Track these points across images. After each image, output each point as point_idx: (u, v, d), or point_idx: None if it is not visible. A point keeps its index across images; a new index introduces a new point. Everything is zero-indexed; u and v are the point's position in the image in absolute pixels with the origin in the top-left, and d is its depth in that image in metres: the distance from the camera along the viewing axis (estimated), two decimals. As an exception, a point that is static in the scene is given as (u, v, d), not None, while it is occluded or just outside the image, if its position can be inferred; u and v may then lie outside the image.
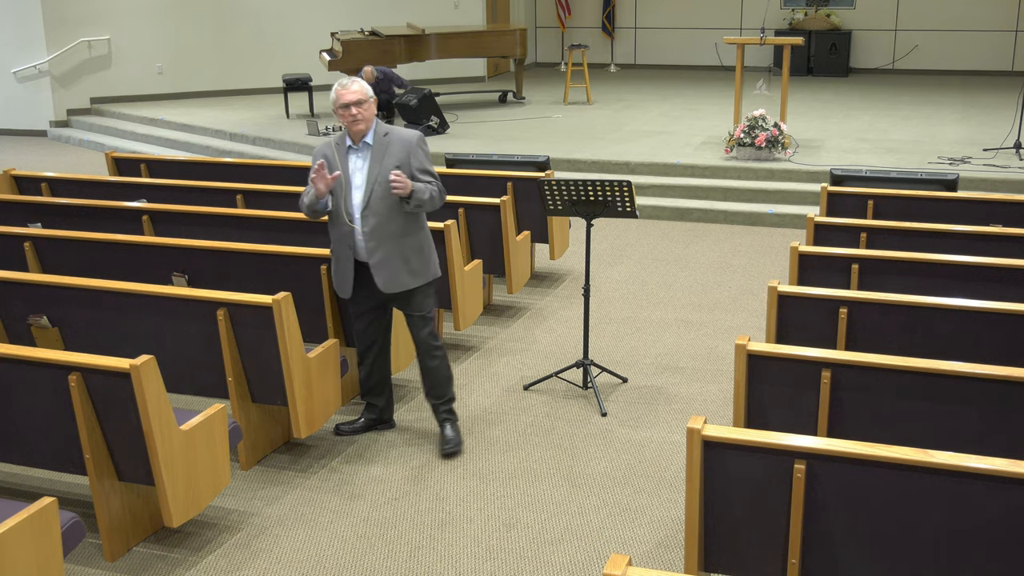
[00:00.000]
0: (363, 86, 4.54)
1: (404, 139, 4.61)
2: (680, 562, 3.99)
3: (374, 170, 4.56)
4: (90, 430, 3.82)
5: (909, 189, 6.72)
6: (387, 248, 4.60)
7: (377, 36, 12.74)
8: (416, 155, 4.62)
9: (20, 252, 5.72)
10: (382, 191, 4.54)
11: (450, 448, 4.85)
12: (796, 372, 3.70)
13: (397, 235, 4.60)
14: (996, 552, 2.84)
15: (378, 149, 4.58)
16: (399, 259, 4.62)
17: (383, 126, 4.63)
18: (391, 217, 4.58)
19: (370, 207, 4.56)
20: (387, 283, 4.63)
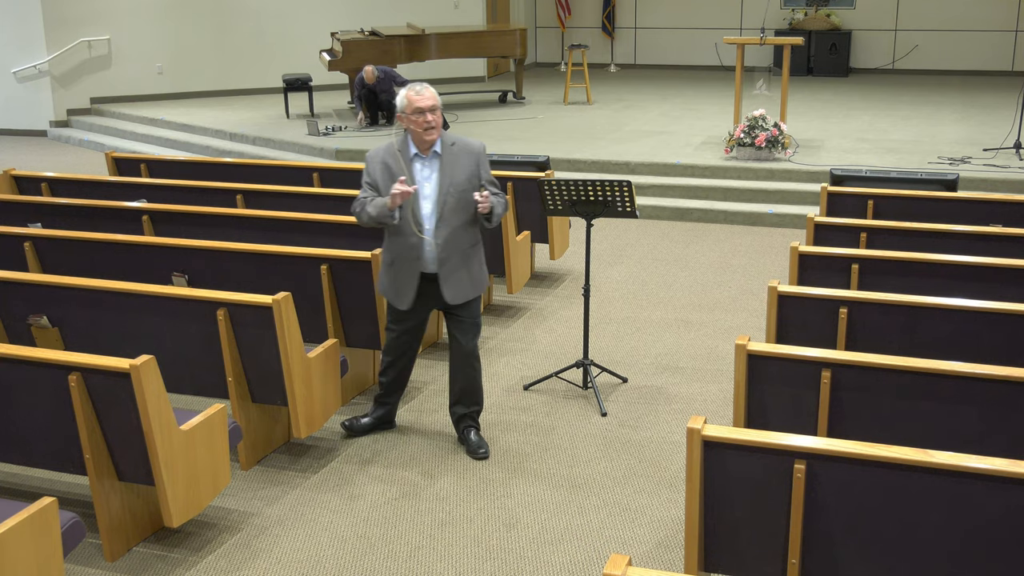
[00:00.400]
0: (436, 93, 4.49)
1: (471, 149, 4.58)
2: (680, 562, 3.99)
3: (445, 180, 4.50)
4: (90, 430, 3.82)
5: (909, 189, 6.72)
6: (456, 259, 4.59)
7: (377, 36, 12.74)
8: (484, 165, 4.61)
9: (20, 252, 5.72)
10: (454, 202, 4.51)
11: (484, 452, 4.81)
12: (796, 372, 3.70)
13: (465, 246, 4.61)
14: (996, 552, 2.84)
15: (447, 159, 4.52)
16: (465, 270, 4.62)
17: (448, 135, 4.58)
18: (463, 228, 4.57)
19: (443, 219, 4.52)
20: (455, 294, 4.62)
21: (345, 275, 5.14)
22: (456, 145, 4.55)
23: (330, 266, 5.13)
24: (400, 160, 4.53)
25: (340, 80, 14.71)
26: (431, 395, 5.54)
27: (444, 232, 4.53)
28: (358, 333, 5.25)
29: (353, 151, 10.95)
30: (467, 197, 4.52)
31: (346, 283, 5.16)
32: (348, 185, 7.38)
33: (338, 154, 10.96)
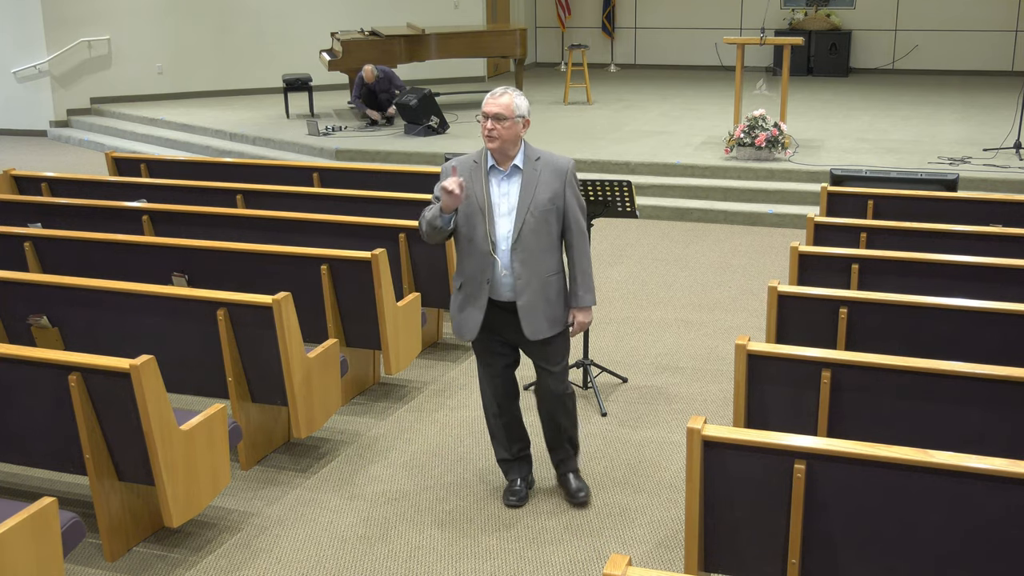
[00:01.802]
0: (514, 101, 3.98)
1: (558, 167, 4.07)
2: (680, 562, 3.99)
3: (526, 199, 4.01)
4: (90, 430, 3.82)
5: (909, 189, 6.72)
6: (535, 288, 4.06)
7: (377, 36, 12.74)
8: (572, 186, 4.09)
9: (20, 252, 5.72)
10: (535, 223, 4.02)
11: (583, 496, 4.39)
12: (796, 372, 3.70)
13: (544, 274, 4.08)
14: (996, 552, 2.84)
15: (529, 175, 4.03)
16: (544, 302, 4.09)
17: (533, 150, 4.09)
18: (543, 253, 4.06)
19: (520, 241, 4.02)
20: (535, 329, 4.09)
21: (345, 275, 5.14)
22: (541, 160, 4.06)
23: (330, 266, 5.13)
24: (478, 172, 4.08)
25: (340, 80, 14.71)
26: (431, 395, 5.54)
27: (521, 255, 4.03)
28: (358, 333, 5.25)
29: (353, 151, 10.95)
30: (549, 219, 4.03)
31: (346, 283, 5.16)
32: (348, 185, 7.38)
33: (338, 154, 10.96)
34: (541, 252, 4.05)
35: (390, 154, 10.81)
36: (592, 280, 4.17)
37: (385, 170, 7.64)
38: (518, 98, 4.00)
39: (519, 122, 3.99)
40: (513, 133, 3.98)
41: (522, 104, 4.01)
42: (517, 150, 4.05)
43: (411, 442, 5.00)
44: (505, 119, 3.95)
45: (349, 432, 5.11)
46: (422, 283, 5.86)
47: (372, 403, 5.44)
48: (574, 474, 4.45)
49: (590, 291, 4.16)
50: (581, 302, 4.14)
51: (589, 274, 4.15)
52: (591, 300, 4.16)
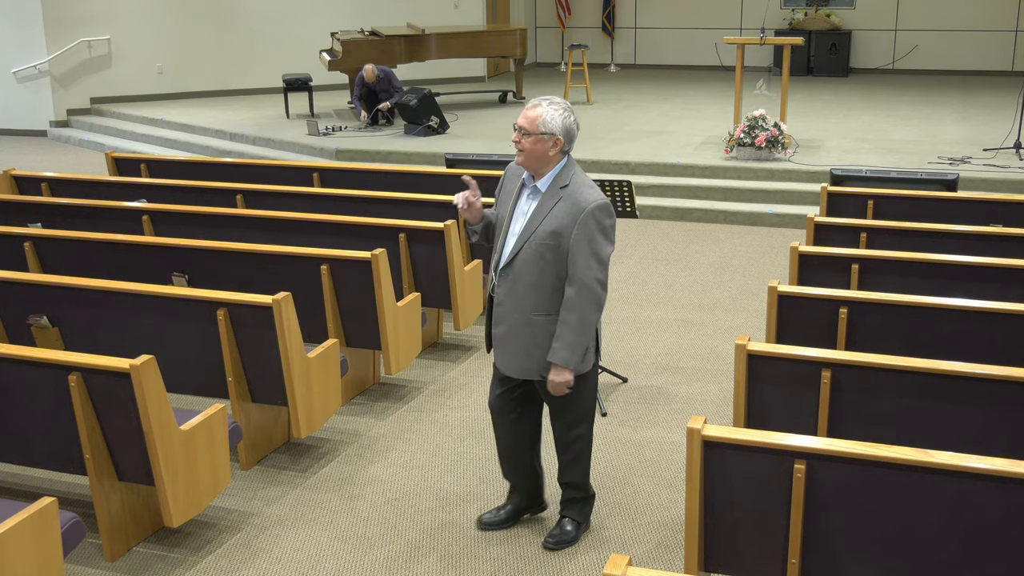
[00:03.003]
0: (544, 116, 3.61)
1: (577, 203, 3.62)
2: (680, 562, 3.99)
3: (531, 226, 3.67)
4: (90, 430, 3.82)
5: (909, 189, 6.72)
6: (516, 322, 3.73)
7: (377, 36, 12.73)
8: (587, 230, 3.60)
9: (20, 252, 5.72)
10: (530, 254, 3.66)
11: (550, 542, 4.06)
12: (796, 372, 3.70)
13: (530, 312, 3.70)
14: (996, 552, 2.84)
15: (545, 201, 3.67)
16: (529, 340, 3.72)
17: (566, 175, 3.68)
18: (532, 289, 3.69)
19: (511, 267, 3.71)
20: (508, 364, 3.81)
21: (345, 275, 5.13)
22: (567, 189, 3.65)
23: (330, 266, 5.13)
24: (517, 181, 3.81)
25: (340, 80, 14.71)
26: (431, 395, 5.54)
27: (508, 283, 3.73)
28: (358, 333, 5.25)
29: (353, 151, 10.95)
30: (546, 255, 3.64)
31: (346, 283, 5.15)
32: (348, 185, 7.38)
33: (338, 154, 10.96)
34: (531, 287, 3.68)
35: (390, 154, 10.81)
36: (580, 340, 3.64)
37: (385, 170, 7.64)
38: (551, 112, 3.62)
39: (546, 140, 3.62)
40: (540, 150, 3.63)
41: (553, 121, 3.61)
42: (548, 170, 3.69)
43: (411, 442, 5.00)
44: (529, 134, 3.63)
45: (349, 432, 5.11)
46: (422, 283, 5.86)
47: (372, 403, 5.44)
48: (570, 520, 4.11)
49: (571, 349, 3.64)
50: (553, 356, 3.66)
51: (578, 331, 3.63)
52: (565, 359, 3.64)
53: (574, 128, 3.70)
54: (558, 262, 3.66)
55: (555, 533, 4.10)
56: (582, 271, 3.62)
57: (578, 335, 3.64)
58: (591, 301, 3.64)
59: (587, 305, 3.64)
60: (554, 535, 4.09)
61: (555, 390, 3.72)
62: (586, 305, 3.64)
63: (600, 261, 3.66)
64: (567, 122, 3.66)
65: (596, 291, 3.65)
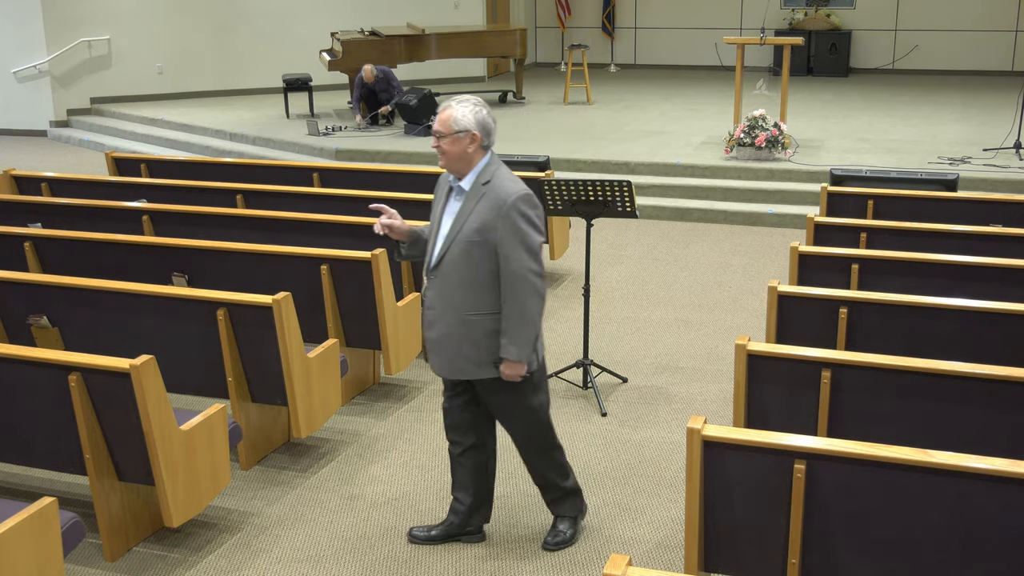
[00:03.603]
0: (454, 115, 3.60)
1: (499, 197, 3.60)
2: (680, 562, 3.99)
3: (456, 226, 3.65)
4: (90, 430, 3.82)
5: (909, 189, 6.72)
6: (449, 323, 3.69)
7: (377, 36, 12.73)
8: (510, 223, 3.58)
9: (20, 252, 5.72)
10: (458, 253, 3.64)
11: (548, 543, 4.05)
12: (796, 372, 3.70)
13: (464, 312, 3.66)
14: (996, 552, 2.84)
15: (470, 199, 3.65)
16: (464, 340, 3.68)
17: (488, 172, 3.66)
18: (464, 289, 3.66)
19: (440, 269, 3.70)
20: (443, 365, 3.77)
21: (345, 275, 5.13)
22: (489, 185, 3.63)
23: (330, 266, 5.13)
24: (446, 186, 3.79)
25: (340, 80, 14.71)
26: (431, 395, 5.54)
27: (438, 285, 3.71)
28: (358, 333, 5.25)
29: (353, 151, 10.95)
30: (473, 252, 3.61)
31: (346, 283, 5.16)
32: (348, 185, 7.38)
33: (338, 154, 10.96)
34: (461, 286, 3.65)
35: (390, 154, 10.81)
36: (526, 331, 3.61)
37: (385, 170, 7.64)
38: (462, 110, 3.61)
39: (463, 137, 3.60)
40: (458, 149, 3.61)
41: (465, 118, 3.60)
42: (470, 168, 3.66)
43: (411, 442, 5.00)
44: (444, 135, 3.61)
45: (349, 432, 5.11)
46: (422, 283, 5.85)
47: (372, 403, 5.44)
48: (564, 519, 4.09)
49: (518, 344, 3.62)
50: (503, 352, 3.64)
51: (521, 323, 3.60)
52: (516, 354, 3.62)
53: (489, 121, 3.66)
54: (487, 259, 3.62)
55: (552, 534, 4.08)
56: (514, 264, 3.59)
57: (522, 327, 3.61)
58: (529, 292, 3.60)
59: (526, 296, 3.60)
60: (551, 537, 4.08)
61: (510, 379, 3.70)
62: (525, 296, 3.60)
63: (530, 251, 3.62)
64: (480, 116, 3.63)
65: (532, 281, 3.61)
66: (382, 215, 3.78)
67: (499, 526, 4.24)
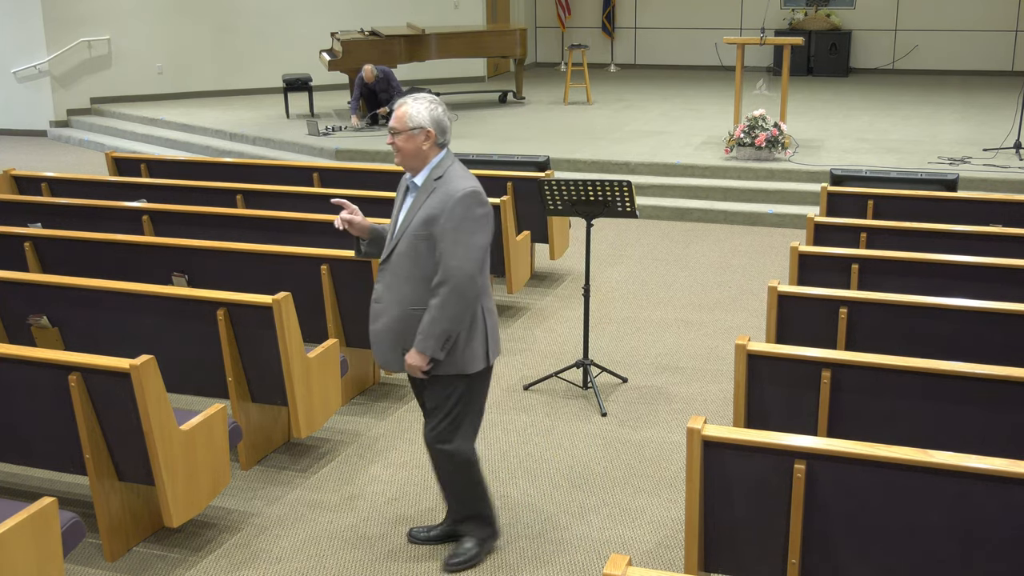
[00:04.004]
0: (409, 112, 3.61)
1: (447, 192, 3.59)
2: (680, 562, 3.99)
3: (407, 220, 3.67)
4: (90, 430, 3.82)
5: (909, 189, 6.72)
6: (394, 316, 3.69)
7: (377, 36, 12.73)
8: (455, 220, 3.56)
9: (20, 252, 5.72)
10: (406, 247, 3.64)
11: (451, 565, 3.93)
12: (796, 372, 3.70)
13: (408, 306, 3.66)
14: (996, 552, 2.84)
15: (421, 194, 3.66)
16: (406, 334, 3.68)
17: (442, 168, 3.67)
18: (410, 283, 3.65)
19: (389, 262, 3.71)
20: (383, 357, 3.78)
21: (345, 275, 5.14)
22: (440, 180, 3.64)
23: (330, 266, 5.13)
24: (405, 185, 3.81)
25: (340, 80, 14.71)
26: (431, 395, 5.53)
27: (387, 278, 3.70)
28: (358, 333, 5.25)
29: (353, 151, 10.95)
30: (419, 247, 3.61)
31: (346, 283, 5.16)
32: (348, 185, 7.38)
33: (338, 154, 10.96)
34: (408, 280, 3.64)
35: (390, 154, 10.80)
36: (435, 327, 3.57)
37: (385, 170, 7.64)
38: (416, 107, 3.61)
39: (417, 134, 3.60)
40: (413, 146, 3.62)
41: (420, 114, 3.60)
42: (424, 165, 3.67)
43: (411, 442, 5.00)
44: (399, 132, 3.62)
45: (349, 432, 5.11)
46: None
47: (372, 403, 5.44)
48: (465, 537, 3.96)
49: (424, 335, 3.59)
50: (414, 343, 3.64)
51: (434, 318, 3.57)
52: (420, 344, 3.60)
53: (443, 118, 3.65)
54: (432, 254, 3.61)
55: (453, 551, 3.96)
56: (449, 259, 3.56)
57: (435, 323, 3.57)
58: (454, 290, 3.56)
59: (449, 294, 3.56)
60: (452, 553, 3.95)
61: (410, 371, 3.67)
62: (448, 294, 3.56)
63: (470, 249, 3.57)
64: (434, 113, 3.62)
65: (461, 281, 3.56)
66: (343, 210, 3.79)
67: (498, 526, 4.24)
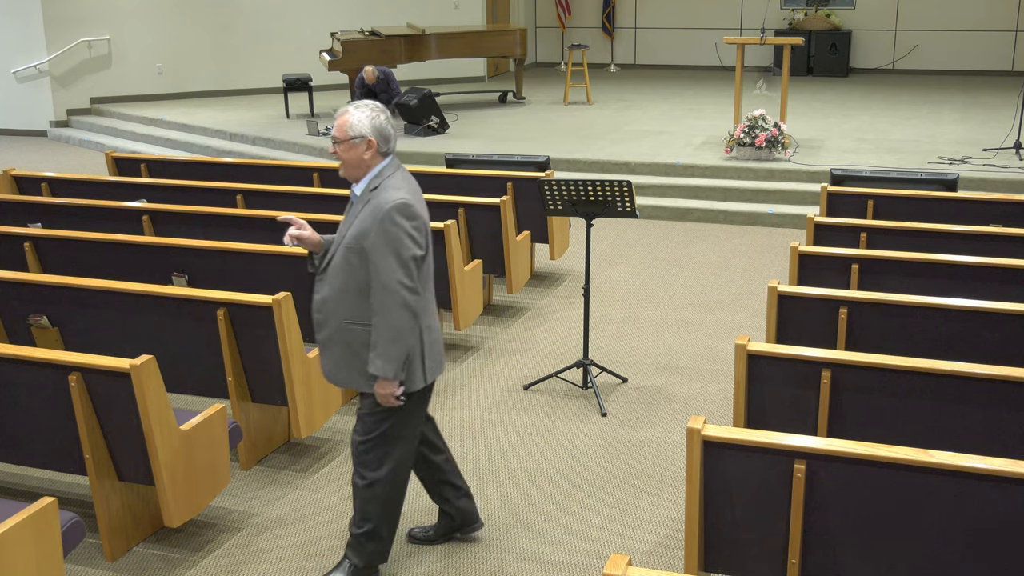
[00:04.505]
0: (349, 120, 3.52)
1: (378, 204, 3.47)
2: (680, 562, 3.99)
3: (343, 230, 3.58)
4: (90, 430, 3.82)
5: (909, 189, 6.72)
6: (332, 329, 3.60)
7: (377, 36, 12.74)
8: (385, 233, 3.44)
9: (20, 252, 5.72)
10: (340, 259, 3.54)
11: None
12: (796, 372, 3.70)
13: (343, 319, 3.55)
14: (996, 552, 2.84)
15: (357, 205, 3.57)
16: (344, 347, 3.59)
17: (380, 178, 3.55)
18: (345, 295, 3.54)
19: (326, 274, 3.60)
20: (329, 372, 3.67)
21: (345, 275, 5.13)
22: (374, 192, 3.52)
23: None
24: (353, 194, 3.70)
25: (340, 80, 14.72)
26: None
27: (323, 290, 3.61)
28: (358, 333, 5.25)
29: (353, 151, 10.93)
30: (351, 259, 3.50)
31: (346, 283, 5.15)
32: (348, 185, 7.37)
33: (338, 154, 10.94)
34: (341, 293, 3.54)
35: (390, 154, 10.79)
36: (393, 348, 3.45)
37: (385, 170, 7.62)
38: (357, 116, 3.51)
39: (358, 144, 3.49)
40: (355, 156, 3.51)
41: (361, 123, 3.50)
42: (366, 175, 3.56)
43: (411, 442, 5.00)
44: (341, 141, 3.52)
45: (349, 432, 5.11)
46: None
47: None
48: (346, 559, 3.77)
49: (384, 358, 3.45)
50: (370, 367, 3.50)
51: (388, 339, 3.44)
52: (381, 368, 3.46)
53: (386, 127, 3.54)
54: (364, 267, 3.50)
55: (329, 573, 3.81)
56: (383, 274, 3.45)
57: (390, 342, 3.45)
58: (397, 305, 3.44)
59: (393, 309, 3.44)
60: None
61: (384, 402, 3.53)
62: (392, 309, 3.44)
63: (402, 262, 3.45)
64: (376, 122, 3.52)
65: (400, 294, 3.44)
66: (291, 226, 3.63)
67: (499, 526, 4.24)
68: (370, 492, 3.66)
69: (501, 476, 4.64)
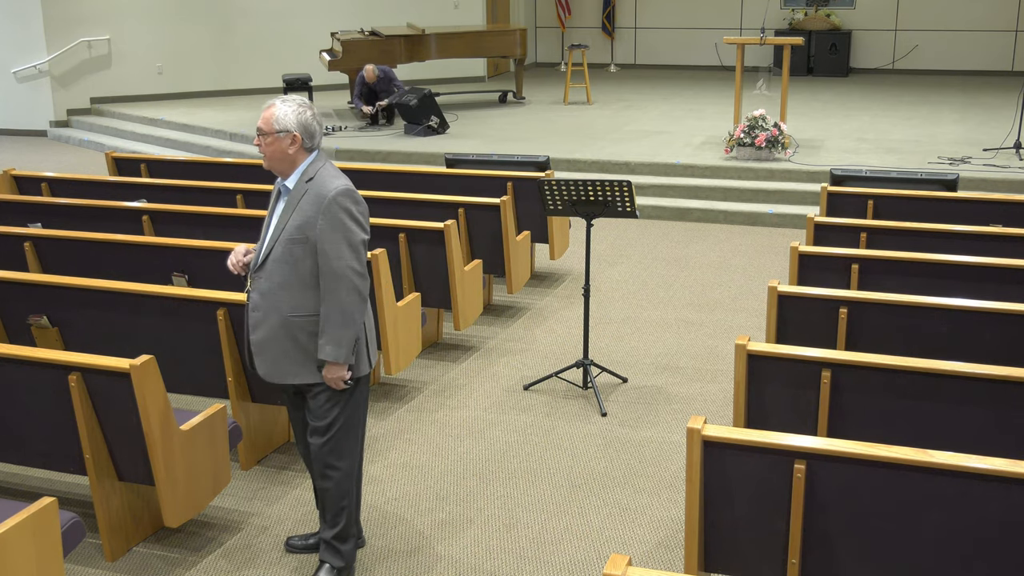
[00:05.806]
0: (276, 113, 3.51)
1: (320, 193, 3.49)
2: (680, 562, 3.99)
3: (280, 225, 3.54)
4: (90, 430, 3.82)
5: (909, 189, 6.72)
6: (272, 325, 3.56)
7: (377, 36, 12.73)
8: (332, 219, 3.47)
9: (20, 252, 5.72)
10: (281, 252, 3.52)
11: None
12: (796, 372, 3.70)
13: (287, 313, 3.54)
14: (996, 552, 2.84)
15: (293, 197, 3.55)
16: (288, 341, 3.56)
17: (313, 169, 3.56)
18: (288, 290, 3.53)
19: (264, 270, 3.56)
20: (270, 370, 3.62)
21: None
22: (312, 182, 3.53)
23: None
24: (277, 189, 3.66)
25: (340, 80, 14.71)
26: (431, 395, 5.54)
27: (262, 286, 3.56)
28: (358, 333, 5.24)
29: (353, 151, 10.95)
30: (295, 251, 3.50)
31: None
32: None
33: (338, 154, 10.96)
34: (284, 286, 3.52)
35: (390, 154, 10.81)
36: (344, 332, 3.48)
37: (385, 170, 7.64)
38: (283, 109, 3.52)
39: (283, 137, 3.50)
40: (279, 149, 3.51)
41: (287, 117, 3.51)
42: (293, 169, 3.56)
43: (411, 442, 5.00)
44: (266, 134, 3.51)
45: (349, 432, 5.10)
46: (422, 283, 5.86)
47: (372, 403, 5.44)
48: (326, 564, 3.78)
49: (335, 343, 3.48)
50: (320, 353, 3.51)
51: (339, 323, 3.48)
52: (332, 353, 3.48)
53: (312, 122, 3.56)
54: (309, 257, 3.51)
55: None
56: (334, 261, 3.47)
57: (341, 327, 3.48)
58: (349, 290, 3.48)
59: (345, 295, 3.48)
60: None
61: (333, 385, 3.56)
62: (344, 295, 3.48)
63: (351, 247, 3.49)
64: (302, 117, 3.54)
65: (351, 279, 3.48)
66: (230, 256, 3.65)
67: (498, 526, 4.24)
68: (337, 489, 3.71)
69: (501, 476, 4.65)
